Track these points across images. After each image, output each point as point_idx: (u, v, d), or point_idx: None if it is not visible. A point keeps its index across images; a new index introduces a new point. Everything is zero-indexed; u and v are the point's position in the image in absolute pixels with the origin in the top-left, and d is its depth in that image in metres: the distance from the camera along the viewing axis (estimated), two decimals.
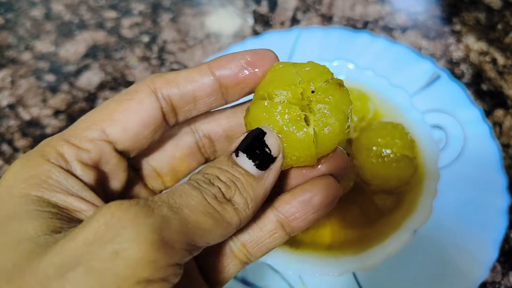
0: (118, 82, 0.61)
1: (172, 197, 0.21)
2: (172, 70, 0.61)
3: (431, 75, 0.54)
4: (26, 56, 0.65)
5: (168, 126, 0.27)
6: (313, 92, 0.24)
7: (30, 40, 0.67)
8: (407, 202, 0.44)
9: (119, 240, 0.18)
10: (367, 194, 0.45)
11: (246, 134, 0.24)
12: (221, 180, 0.23)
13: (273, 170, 0.24)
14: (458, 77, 0.59)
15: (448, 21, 0.65)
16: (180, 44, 0.64)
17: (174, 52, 0.63)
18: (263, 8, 0.68)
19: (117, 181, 0.27)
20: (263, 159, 0.23)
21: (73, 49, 0.65)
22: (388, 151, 0.42)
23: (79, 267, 0.18)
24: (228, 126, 0.30)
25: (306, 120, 0.24)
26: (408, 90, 0.51)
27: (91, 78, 0.62)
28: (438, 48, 0.62)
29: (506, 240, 0.47)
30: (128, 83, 0.60)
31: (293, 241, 0.44)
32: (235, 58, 0.26)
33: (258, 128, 0.24)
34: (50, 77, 0.62)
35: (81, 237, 0.18)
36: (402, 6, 0.67)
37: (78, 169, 0.24)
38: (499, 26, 0.64)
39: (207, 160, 0.32)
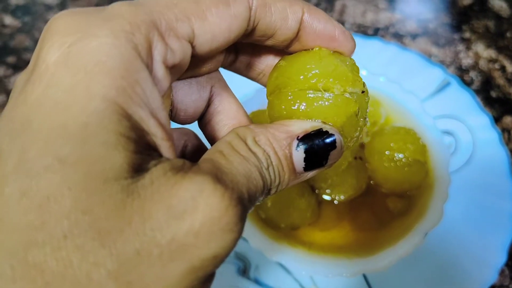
0: None
1: (250, 179, 0.19)
2: None
3: (441, 82, 0.55)
4: None
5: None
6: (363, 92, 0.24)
7: None
8: (418, 205, 0.45)
9: (219, 244, 0.17)
10: (379, 197, 0.46)
11: (319, 130, 0.22)
12: (274, 169, 0.21)
13: (313, 173, 0.23)
14: (467, 84, 0.60)
15: (458, 29, 0.66)
16: None
17: None
18: None
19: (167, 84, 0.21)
20: (315, 165, 0.22)
21: None
22: (401, 155, 0.43)
23: (182, 261, 0.17)
24: (266, 62, 0.28)
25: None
26: (419, 96, 0.52)
27: None
28: (447, 55, 0.63)
29: None
30: None
31: (306, 243, 0.45)
32: (328, 22, 0.24)
33: (332, 136, 0.22)
34: None
35: (187, 223, 0.17)
36: (413, 13, 0.68)
37: (160, 74, 0.19)
38: (508, 34, 0.65)
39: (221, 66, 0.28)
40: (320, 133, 0.22)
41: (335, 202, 0.46)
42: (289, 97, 0.23)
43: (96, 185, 0.16)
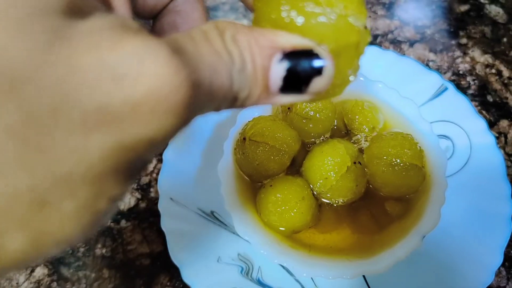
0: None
1: (204, 63, 0.17)
2: None
3: (438, 88, 0.56)
4: None
5: None
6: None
7: None
8: (416, 209, 0.46)
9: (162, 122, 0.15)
10: (377, 201, 0.47)
11: (303, 43, 0.19)
12: (246, 77, 0.18)
13: (291, 99, 0.20)
14: (464, 88, 0.61)
15: (455, 35, 0.67)
16: None
17: None
18: None
19: None
20: (292, 87, 0.19)
21: None
22: (398, 160, 0.45)
23: (110, 132, 0.14)
24: None
25: None
26: (416, 102, 0.54)
27: None
28: (445, 60, 0.64)
29: (511, 245, 0.49)
30: None
31: (306, 245, 0.47)
32: None
33: (322, 61, 0.19)
34: None
35: (129, 92, 0.14)
36: (411, 20, 0.69)
37: None
38: (504, 40, 0.66)
39: None
40: (310, 54, 0.19)
41: (335, 205, 0.47)
42: (282, 6, 0.19)
43: (18, 15, 0.13)
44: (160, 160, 0.57)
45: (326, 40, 0.19)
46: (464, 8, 0.71)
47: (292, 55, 0.19)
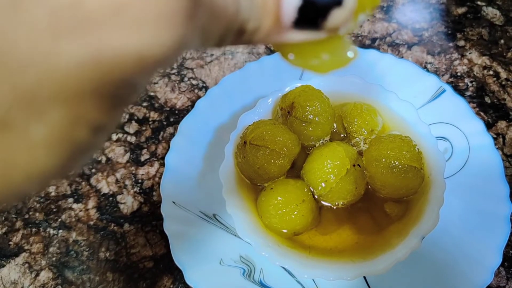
0: (140, 97, 0.65)
1: None
2: (191, 85, 0.65)
3: (436, 90, 0.57)
4: None
5: None
6: None
7: None
8: (415, 210, 0.46)
9: None
10: (377, 203, 0.48)
11: None
12: (256, 5, 0.16)
13: (302, 37, 0.18)
14: (462, 90, 0.62)
15: (452, 37, 0.68)
16: (198, 61, 0.68)
17: (193, 68, 0.67)
18: None
19: None
20: (308, 21, 0.17)
21: None
22: (397, 162, 0.45)
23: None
24: None
25: None
26: (414, 104, 0.54)
27: None
28: (442, 62, 0.65)
29: (510, 245, 0.50)
30: (150, 98, 0.64)
31: (307, 247, 0.47)
32: None
33: None
34: None
35: None
36: (408, 22, 0.70)
37: None
38: (502, 41, 0.67)
39: None
40: None
41: (335, 207, 0.48)
42: None
43: None
44: (162, 164, 0.58)
45: None
46: (461, 10, 0.71)
47: None
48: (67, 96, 0.12)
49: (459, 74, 0.64)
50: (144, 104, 0.63)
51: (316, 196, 0.47)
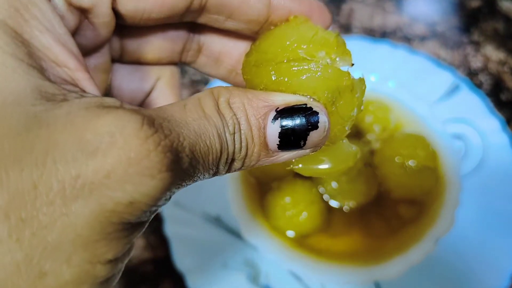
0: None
1: (199, 140, 0.18)
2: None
3: (450, 84, 0.55)
4: None
5: (181, 19, 0.22)
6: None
7: None
8: (429, 212, 0.44)
9: (140, 190, 0.16)
10: (389, 204, 0.46)
11: (297, 100, 0.19)
12: (240, 138, 0.19)
13: (292, 155, 0.20)
14: (477, 87, 0.59)
15: (466, 31, 0.65)
16: None
17: None
18: None
19: (93, 40, 0.22)
20: (290, 145, 0.20)
21: None
22: (411, 162, 0.43)
23: (91, 200, 0.15)
24: (230, 53, 0.25)
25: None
26: (428, 100, 0.52)
27: None
28: (456, 58, 0.63)
29: None
30: None
31: (316, 250, 0.45)
32: (311, 7, 0.22)
33: (314, 109, 0.19)
34: None
35: (100, 163, 0.15)
36: (420, 16, 0.67)
37: (60, 5, 0.19)
38: None
39: (176, 63, 0.26)
40: (303, 109, 0.19)
41: (345, 209, 0.46)
42: (271, 73, 0.20)
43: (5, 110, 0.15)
44: None
45: (319, 91, 0.20)
46: (475, 4, 0.69)
47: (286, 112, 0.19)
48: (83, 242, 0.15)
49: (473, 70, 0.61)
50: None
51: (325, 197, 0.45)
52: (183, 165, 0.17)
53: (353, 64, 0.21)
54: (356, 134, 0.50)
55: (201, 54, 0.26)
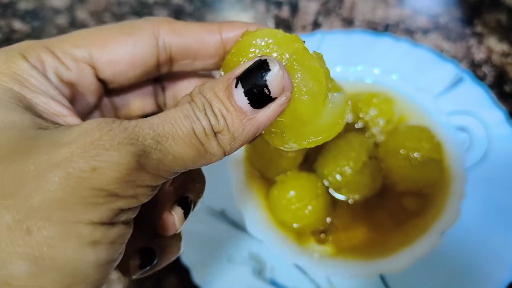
0: None
1: (163, 123, 0.21)
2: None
3: (454, 77, 0.54)
4: None
5: (157, 72, 0.27)
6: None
7: None
8: (434, 204, 0.44)
9: (100, 159, 0.19)
10: (394, 197, 0.46)
11: (251, 62, 0.22)
12: (213, 111, 0.22)
13: (271, 110, 0.22)
14: (480, 79, 0.59)
15: (469, 23, 0.65)
16: None
17: None
18: (285, 13, 0.69)
19: (87, 104, 0.27)
20: (258, 97, 0.22)
21: None
22: (416, 154, 0.43)
23: (59, 170, 0.19)
24: None
25: None
26: (432, 92, 0.52)
27: None
28: (459, 50, 0.62)
29: None
30: None
31: (322, 244, 0.45)
32: (247, 26, 0.25)
33: (263, 59, 0.22)
34: None
35: (67, 148, 0.19)
36: (423, 8, 0.67)
37: (54, 81, 0.24)
38: None
39: (159, 107, 0.31)
40: (259, 65, 0.22)
41: (350, 202, 0.46)
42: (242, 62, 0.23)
43: (4, 131, 0.20)
44: None
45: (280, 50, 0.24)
46: None
47: (246, 73, 0.22)
48: (60, 204, 0.18)
49: (476, 62, 0.61)
50: None
51: (330, 190, 0.45)
52: (145, 141, 0.20)
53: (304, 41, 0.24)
54: (360, 127, 0.50)
55: (175, 97, 0.30)
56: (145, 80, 0.28)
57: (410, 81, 0.49)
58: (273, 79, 0.21)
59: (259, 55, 0.23)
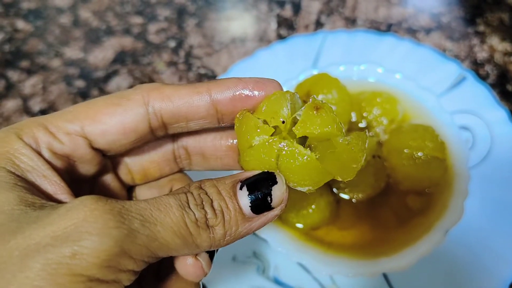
0: None
1: (151, 208, 0.22)
2: (200, 74, 0.63)
3: (456, 76, 0.54)
4: (56, 62, 0.67)
5: (154, 137, 0.28)
6: (283, 122, 0.25)
7: (59, 47, 0.69)
8: (438, 203, 0.44)
9: (81, 244, 0.19)
10: (398, 196, 0.46)
11: (259, 173, 0.24)
12: (213, 207, 0.23)
13: (265, 218, 0.24)
14: (482, 78, 0.59)
15: (472, 22, 0.65)
16: (206, 49, 0.65)
17: (201, 57, 0.65)
18: (287, 12, 0.69)
19: (87, 171, 0.28)
20: (260, 205, 0.24)
21: (101, 55, 0.67)
22: (420, 153, 0.43)
23: (39, 256, 0.19)
24: (210, 146, 0.30)
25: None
26: (435, 92, 0.52)
27: (120, 83, 0.63)
28: (462, 49, 0.62)
29: None
30: None
31: (325, 242, 0.45)
32: (237, 85, 0.26)
33: (272, 173, 0.24)
34: (80, 83, 0.64)
35: (49, 229, 0.20)
36: (425, 7, 0.67)
37: (47, 156, 0.25)
38: None
39: (180, 169, 0.32)
40: (267, 176, 0.24)
41: (354, 201, 0.46)
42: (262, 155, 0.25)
43: None
44: None
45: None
46: None
47: (250, 180, 0.24)
48: None
49: (479, 61, 0.61)
50: None
51: (333, 189, 0.45)
52: (132, 225, 0.21)
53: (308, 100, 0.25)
54: (364, 126, 0.50)
55: (191, 156, 0.31)
56: (152, 144, 0.30)
57: (413, 80, 0.49)
58: (277, 189, 0.24)
59: (266, 171, 0.25)
